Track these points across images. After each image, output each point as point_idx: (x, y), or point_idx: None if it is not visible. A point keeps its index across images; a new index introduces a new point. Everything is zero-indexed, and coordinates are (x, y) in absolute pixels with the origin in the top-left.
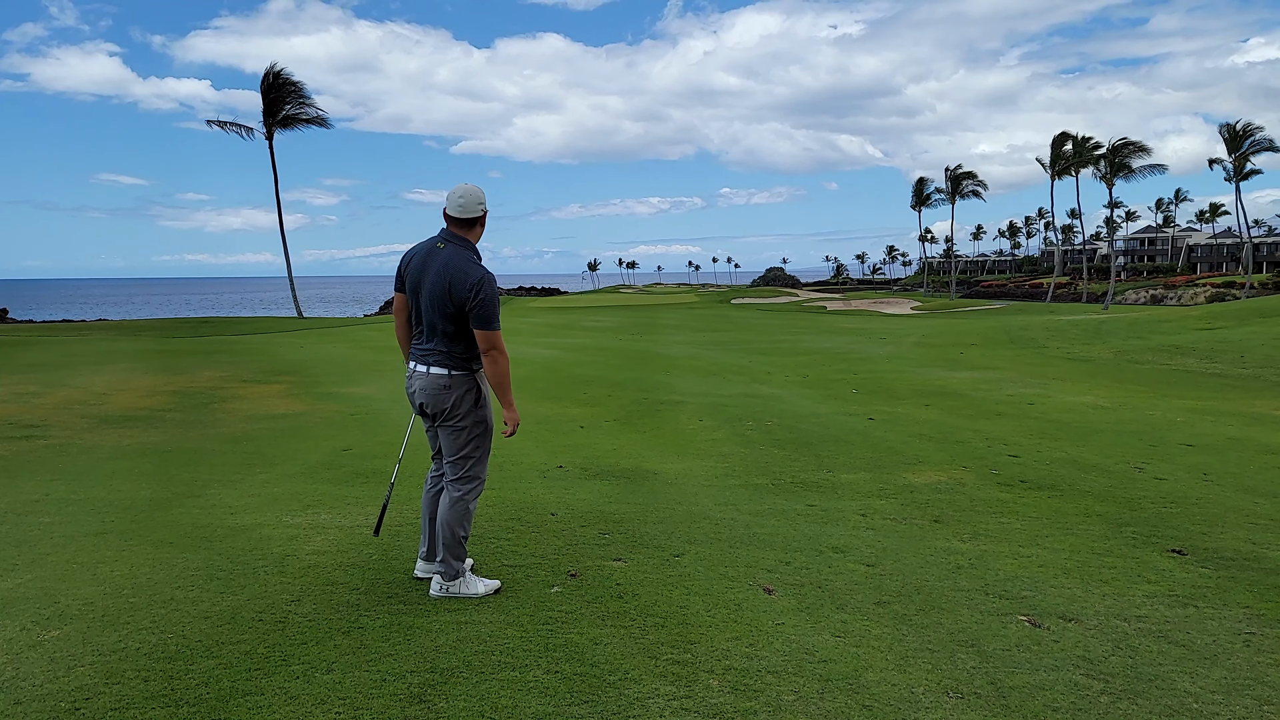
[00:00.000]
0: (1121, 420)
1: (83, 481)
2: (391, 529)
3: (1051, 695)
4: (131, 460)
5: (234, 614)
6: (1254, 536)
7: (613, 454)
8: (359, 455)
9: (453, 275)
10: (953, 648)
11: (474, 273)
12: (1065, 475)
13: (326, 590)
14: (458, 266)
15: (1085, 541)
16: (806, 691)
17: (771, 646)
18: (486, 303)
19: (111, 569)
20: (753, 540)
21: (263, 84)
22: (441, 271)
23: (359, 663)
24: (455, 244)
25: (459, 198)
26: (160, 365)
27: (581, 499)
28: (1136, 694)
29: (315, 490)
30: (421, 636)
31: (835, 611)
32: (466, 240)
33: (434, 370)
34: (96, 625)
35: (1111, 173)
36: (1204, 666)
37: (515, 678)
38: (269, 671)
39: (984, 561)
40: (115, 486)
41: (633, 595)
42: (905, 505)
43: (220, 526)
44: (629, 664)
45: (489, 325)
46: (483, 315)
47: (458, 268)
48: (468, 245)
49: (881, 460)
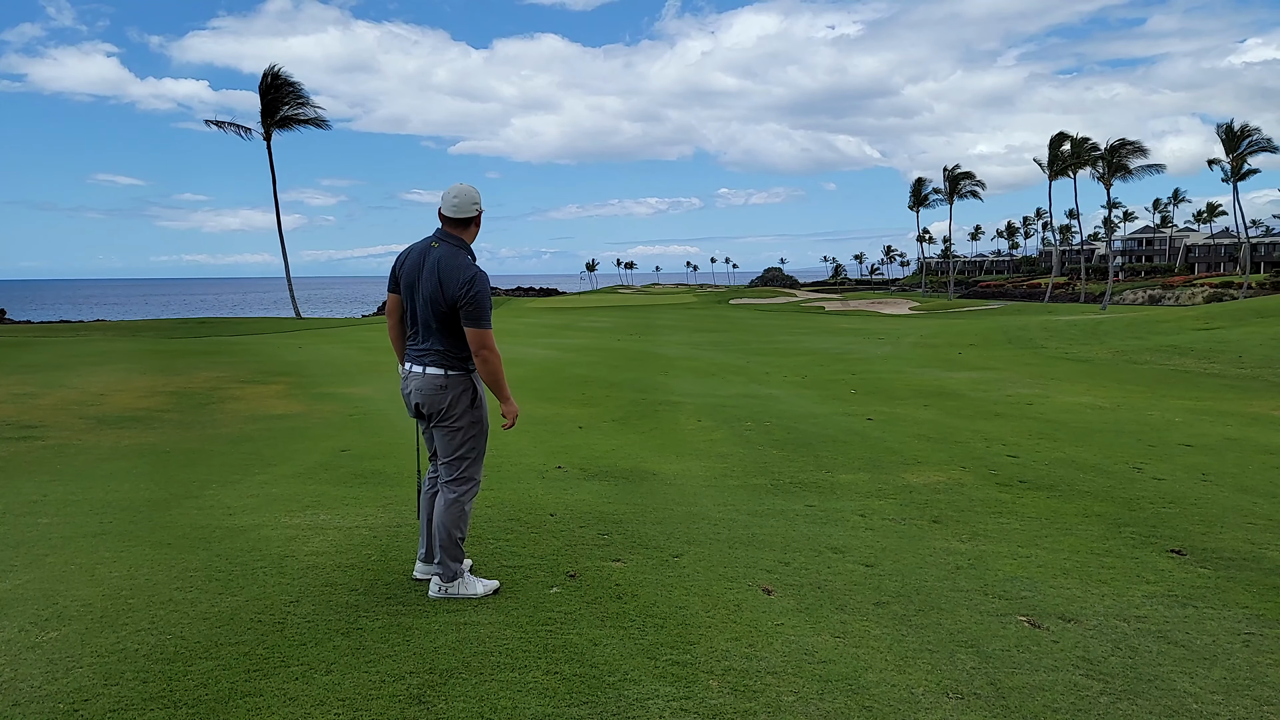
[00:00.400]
0: (1120, 420)
1: (81, 482)
2: (390, 530)
3: (1051, 696)
4: (130, 461)
5: (233, 615)
6: (1253, 536)
7: (611, 454)
8: (357, 456)
9: (445, 273)
10: (952, 648)
11: (467, 270)
12: (1064, 475)
13: (325, 591)
14: (451, 265)
15: (1084, 542)
16: (806, 692)
17: (771, 647)
18: (477, 299)
19: (110, 570)
20: (752, 541)
21: (261, 84)
22: (434, 270)
23: (358, 664)
24: (449, 243)
25: (453, 197)
26: (158, 366)
27: (580, 500)
28: (1136, 694)
29: (314, 491)
30: (420, 637)
31: (834, 612)
32: (461, 240)
33: (430, 370)
34: (95, 626)
35: (1109, 173)
36: (1203, 667)
37: (514, 679)
38: (268, 673)
39: (983, 562)
40: (113, 487)
41: (632, 596)
42: (904, 506)
43: (219, 527)
44: (628, 665)
45: (479, 323)
46: (473, 313)
47: (450, 266)
48: (462, 244)
49: (880, 460)
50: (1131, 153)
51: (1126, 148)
